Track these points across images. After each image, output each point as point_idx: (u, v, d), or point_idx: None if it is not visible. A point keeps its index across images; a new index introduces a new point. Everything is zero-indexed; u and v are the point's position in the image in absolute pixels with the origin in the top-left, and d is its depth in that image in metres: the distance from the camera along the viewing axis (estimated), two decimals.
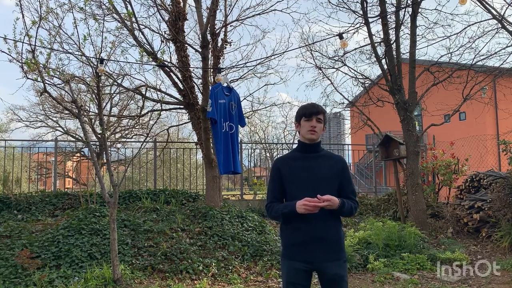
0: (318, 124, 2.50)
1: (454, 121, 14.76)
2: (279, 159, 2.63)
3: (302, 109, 2.54)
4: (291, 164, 2.52)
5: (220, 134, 5.94)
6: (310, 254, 2.38)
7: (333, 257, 2.41)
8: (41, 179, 16.75)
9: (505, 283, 5.10)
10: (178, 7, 7.68)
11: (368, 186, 15.93)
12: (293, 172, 2.49)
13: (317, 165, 2.49)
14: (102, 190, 5.10)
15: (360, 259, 5.90)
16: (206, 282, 5.05)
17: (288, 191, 2.48)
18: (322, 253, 2.39)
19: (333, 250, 2.41)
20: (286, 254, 2.47)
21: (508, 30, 7.11)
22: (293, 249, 2.43)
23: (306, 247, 2.38)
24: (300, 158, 2.52)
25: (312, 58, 9.68)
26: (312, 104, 2.57)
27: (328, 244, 2.40)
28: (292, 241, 2.44)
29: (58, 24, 5.11)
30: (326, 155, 2.56)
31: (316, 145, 2.55)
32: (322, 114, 2.52)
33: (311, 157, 2.51)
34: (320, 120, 2.51)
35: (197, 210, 7.09)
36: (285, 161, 2.57)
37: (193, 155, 13.93)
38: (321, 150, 2.57)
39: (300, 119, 2.53)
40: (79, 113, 5.09)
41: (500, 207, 6.90)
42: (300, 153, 2.55)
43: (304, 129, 2.51)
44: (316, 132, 2.49)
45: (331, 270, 2.38)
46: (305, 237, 2.38)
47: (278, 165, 2.56)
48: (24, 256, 5.12)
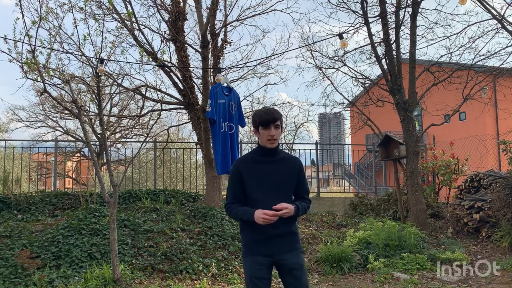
0: (276, 131, 2.53)
1: (454, 121, 14.76)
2: (239, 161, 2.69)
3: (259, 118, 2.54)
4: (252, 166, 2.59)
5: (219, 134, 5.93)
6: (270, 248, 2.55)
7: (290, 248, 2.58)
8: (41, 179, 16.74)
9: (505, 283, 5.10)
10: (178, 7, 7.69)
11: (368, 186, 15.94)
12: (253, 175, 2.57)
13: (276, 169, 2.59)
14: (102, 190, 5.10)
15: (360, 259, 5.90)
16: (206, 282, 5.05)
17: (248, 193, 2.57)
18: (281, 246, 2.56)
19: (289, 242, 2.59)
20: (248, 251, 2.60)
21: (508, 30, 7.11)
22: (253, 245, 2.57)
23: (265, 242, 2.54)
24: (261, 162, 2.60)
25: (312, 58, 9.68)
26: (268, 112, 2.56)
27: (285, 238, 2.57)
28: (252, 238, 2.57)
29: (58, 24, 5.11)
30: (284, 158, 2.66)
31: (275, 149, 2.61)
32: (279, 119, 2.55)
33: (270, 161, 2.60)
34: (278, 126, 2.54)
35: (197, 210, 7.09)
36: (246, 163, 2.63)
37: (193, 155, 13.94)
38: (279, 153, 2.65)
39: (258, 127, 2.55)
40: (79, 113, 5.09)
41: (500, 207, 6.90)
42: (261, 157, 2.61)
43: (263, 138, 2.55)
44: (276, 139, 2.55)
45: (290, 260, 2.55)
46: (264, 235, 2.53)
47: (238, 167, 2.61)
48: (24, 256, 5.12)
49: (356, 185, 17.21)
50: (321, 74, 9.95)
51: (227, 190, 2.67)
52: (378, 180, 14.07)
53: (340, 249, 5.79)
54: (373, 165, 14.15)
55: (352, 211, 9.41)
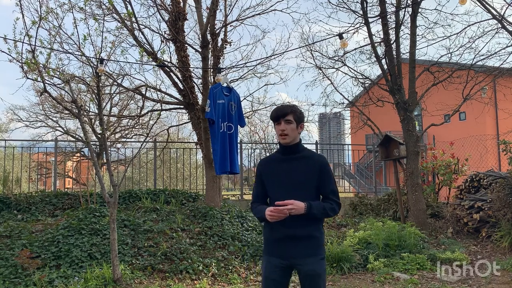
0: (287, 126, 2.48)
1: (454, 121, 14.76)
2: (261, 161, 2.71)
3: (271, 114, 2.56)
4: (272, 166, 2.59)
5: (218, 135, 5.91)
6: (285, 251, 2.46)
7: (308, 253, 2.45)
8: (41, 179, 16.74)
9: (505, 283, 5.10)
10: (178, 7, 7.69)
11: (368, 186, 15.94)
12: (273, 174, 2.56)
13: (295, 167, 2.52)
14: (102, 190, 5.10)
15: (360, 259, 5.90)
16: (206, 282, 5.05)
17: (269, 193, 2.58)
18: (297, 250, 2.45)
19: (308, 247, 2.46)
20: (265, 250, 2.58)
21: (508, 30, 7.11)
22: (271, 245, 2.54)
23: (282, 244, 2.47)
24: (281, 160, 2.57)
25: (312, 58, 9.68)
26: (279, 107, 2.57)
27: (303, 242, 2.45)
28: (270, 238, 2.54)
29: (58, 24, 5.11)
30: (305, 156, 2.55)
31: (294, 147, 2.55)
32: (290, 114, 2.49)
33: (290, 159, 2.54)
34: (290, 121, 2.48)
35: (197, 210, 7.09)
36: (267, 163, 2.65)
37: (193, 155, 13.93)
38: (301, 151, 2.57)
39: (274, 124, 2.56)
40: (79, 113, 5.09)
41: (500, 207, 6.90)
42: (281, 155, 2.58)
43: (277, 134, 2.55)
44: (287, 135, 2.48)
45: (306, 267, 2.44)
46: (281, 235, 2.47)
47: (259, 167, 2.65)
48: (24, 256, 5.12)
49: (356, 185, 17.21)
50: (321, 74, 9.96)
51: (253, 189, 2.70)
52: (378, 180, 14.06)
53: (340, 249, 5.79)
54: (373, 165, 14.14)
55: (352, 211, 9.41)
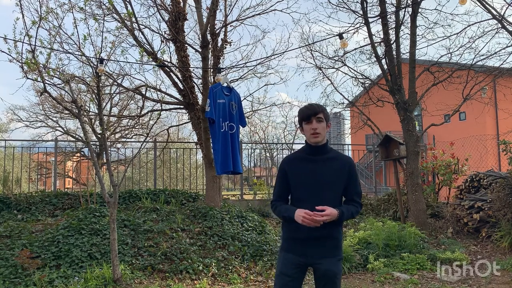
0: (319, 124, 2.46)
1: (454, 121, 14.75)
2: (286, 159, 2.63)
3: (300, 113, 2.52)
4: (297, 165, 2.53)
5: (219, 134, 5.90)
6: (305, 250, 2.46)
7: (327, 254, 2.46)
8: (41, 179, 16.74)
9: (505, 283, 5.10)
10: (178, 7, 7.69)
11: (368, 186, 15.92)
12: (298, 174, 2.51)
13: (323, 169, 2.48)
14: (102, 190, 5.10)
15: (360, 259, 5.90)
16: (206, 282, 5.05)
17: (293, 193, 2.53)
18: (317, 250, 2.46)
19: (328, 248, 2.47)
20: (283, 247, 2.57)
21: (508, 30, 7.11)
22: (290, 243, 2.53)
23: (302, 243, 2.47)
24: (306, 160, 2.52)
25: (312, 58, 9.68)
26: (309, 106, 2.53)
27: (324, 243, 2.46)
28: (290, 236, 2.53)
29: (58, 24, 5.10)
30: (333, 157, 2.52)
31: (322, 147, 2.51)
32: (321, 113, 2.47)
33: (317, 160, 2.50)
34: (321, 119, 2.47)
35: (197, 210, 7.09)
36: (291, 161, 2.58)
37: (193, 155, 13.93)
38: (329, 152, 2.53)
39: (301, 123, 2.52)
40: (79, 113, 5.09)
41: (500, 207, 6.90)
42: (307, 155, 2.53)
43: (307, 133, 2.49)
44: (319, 133, 2.46)
45: (324, 266, 2.45)
46: (302, 235, 2.45)
47: (284, 165, 2.58)
48: (24, 256, 5.12)
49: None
50: (321, 74, 9.97)
51: (274, 187, 2.65)
52: (378, 180, 14.06)
53: None
54: (373, 165, 14.13)
55: None
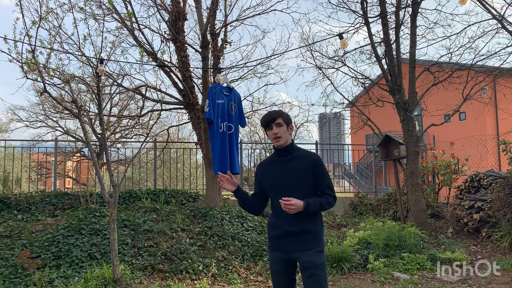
0: (278, 129, 2.64)
1: (454, 121, 14.76)
2: (259, 165, 2.90)
3: (261, 121, 2.75)
4: (268, 168, 2.78)
5: (217, 135, 5.89)
6: (285, 245, 2.66)
7: (305, 247, 2.62)
8: (41, 179, 16.74)
9: (505, 283, 5.10)
10: (178, 7, 7.69)
11: (368, 186, 15.93)
12: (269, 176, 2.75)
13: (290, 167, 2.67)
14: (102, 190, 5.10)
15: (360, 259, 5.90)
16: (206, 282, 5.05)
17: (268, 194, 2.77)
18: (294, 245, 2.63)
19: (305, 241, 2.63)
20: (269, 246, 2.79)
21: (508, 30, 7.11)
22: (273, 241, 2.74)
23: (282, 239, 2.67)
24: (276, 162, 2.75)
25: (312, 58, 9.68)
26: (267, 114, 2.73)
27: (301, 236, 2.62)
28: (271, 235, 2.75)
29: (58, 24, 5.10)
30: (298, 156, 2.70)
31: (288, 148, 2.70)
32: (279, 118, 2.65)
33: (283, 161, 2.71)
34: (280, 124, 2.65)
35: (197, 210, 7.09)
36: (263, 166, 2.84)
37: (193, 155, 13.92)
38: (295, 151, 2.71)
39: (265, 131, 2.75)
40: (79, 113, 5.09)
41: (500, 207, 6.90)
42: (276, 157, 2.76)
43: (270, 138, 2.71)
44: (280, 137, 2.65)
45: (303, 259, 2.61)
46: (280, 232, 2.66)
47: (257, 171, 2.85)
48: (24, 256, 5.12)
49: (356, 185, 17.20)
50: (321, 74, 9.96)
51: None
52: (378, 180, 14.07)
53: (340, 249, 5.79)
54: (373, 165, 14.15)
55: (352, 211, 9.41)
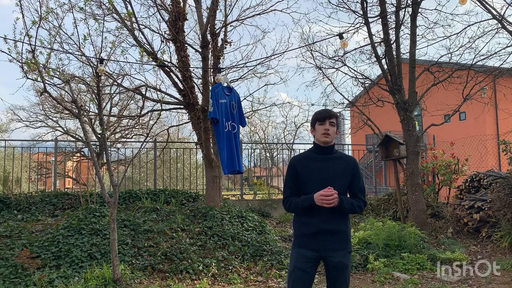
0: (331, 127, 2.71)
1: (454, 121, 14.76)
2: (296, 158, 2.85)
3: (316, 114, 2.77)
4: (307, 163, 2.75)
5: (223, 134, 5.92)
6: (317, 244, 2.65)
7: (338, 247, 2.66)
8: (41, 179, 16.75)
9: (505, 283, 5.10)
10: (178, 7, 7.69)
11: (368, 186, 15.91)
12: (308, 171, 2.72)
13: (330, 166, 2.71)
14: (102, 190, 5.10)
15: (360, 259, 5.90)
16: (206, 282, 5.05)
17: (302, 188, 2.72)
18: (328, 243, 2.65)
19: (338, 241, 2.67)
20: (296, 243, 2.75)
21: (508, 30, 7.10)
22: (302, 239, 2.70)
23: (314, 237, 2.65)
24: (315, 159, 2.75)
25: (312, 58, 9.67)
26: (325, 109, 2.82)
27: (334, 236, 2.66)
28: (302, 232, 2.71)
29: (58, 24, 5.11)
30: (339, 157, 2.78)
31: (330, 148, 2.76)
32: (334, 118, 2.74)
33: (325, 159, 2.74)
34: (333, 123, 2.73)
35: (197, 210, 7.09)
36: (301, 160, 2.79)
37: (193, 155, 13.93)
38: (335, 152, 2.79)
39: (314, 123, 2.77)
40: (79, 113, 5.09)
41: (500, 207, 6.90)
42: (316, 154, 2.77)
43: (319, 133, 2.73)
44: (329, 135, 2.70)
45: (335, 259, 2.64)
46: (314, 230, 2.65)
47: (295, 163, 2.78)
48: (24, 256, 5.12)
49: None
50: (321, 74, 9.95)
51: (284, 186, 2.83)
52: (378, 180, 14.07)
53: None
54: (373, 165, 14.13)
55: None
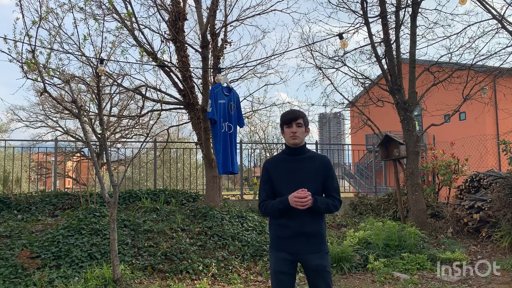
0: (298, 128, 2.69)
1: (454, 121, 14.77)
2: (269, 161, 2.86)
3: (282, 117, 2.75)
4: (279, 165, 2.75)
5: (220, 134, 5.95)
6: (294, 247, 2.63)
7: (315, 249, 2.64)
8: (41, 179, 16.76)
9: (505, 283, 5.10)
10: (178, 7, 7.69)
11: (368, 186, 15.93)
12: (281, 173, 2.71)
13: (302, 167, 2.70)
14: (102, 190, 5.10)
15: (360, 259, 5.90)
16: (206, 282, 5.05)
17: (276, 191, 2.71)
18: (304, 246, 2.62)
19: (314, 243, 2.64)
20: (273, 246, 2.72)
21: (508, 30, 7.10)
22: (279, 241, 2.68)
23: (290, 240, 2.63)
24: (287, 161, 2.74)
25: (312, 58, 9.67)
26: (290, 111, 2.78)
27: (310, 238, 2.63)
28: (278, 235, 2.69)
29: (58, 24, 5.11)
30: (311, 157, 2.75)
31: (301, 148, 2.74)
32: (301, 119, 2.70)
33: (297, 160, 2.72)
34: (300, 124, 2.70)
35: (197, 210, 7.10)
36: (274, 162, 2.80)
37: (193, 155, 13.93)
38: (307, 152, 2.76)
39: (282, 127, 2.75)
40: (79, 113, 5.09)
41: (500, 207, 6.90)
42: (287, 156, 2.76)
43: (287, 135, 2.72)
44: (298, 136, 2.68)
45: (313, 261, 2.62)
46: (289, 232, 2.63)
47: (267, 166, 2.78)
48: (24, 256, 5.12)
49: (356, 185, 17.20)
50: (321, 74, 9.96)
51: (259, 189, 2.81)
52: (378, 180, 14.07)
53: (340, 249, 5.79)
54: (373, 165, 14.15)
55: (352, 211, 9.41)
